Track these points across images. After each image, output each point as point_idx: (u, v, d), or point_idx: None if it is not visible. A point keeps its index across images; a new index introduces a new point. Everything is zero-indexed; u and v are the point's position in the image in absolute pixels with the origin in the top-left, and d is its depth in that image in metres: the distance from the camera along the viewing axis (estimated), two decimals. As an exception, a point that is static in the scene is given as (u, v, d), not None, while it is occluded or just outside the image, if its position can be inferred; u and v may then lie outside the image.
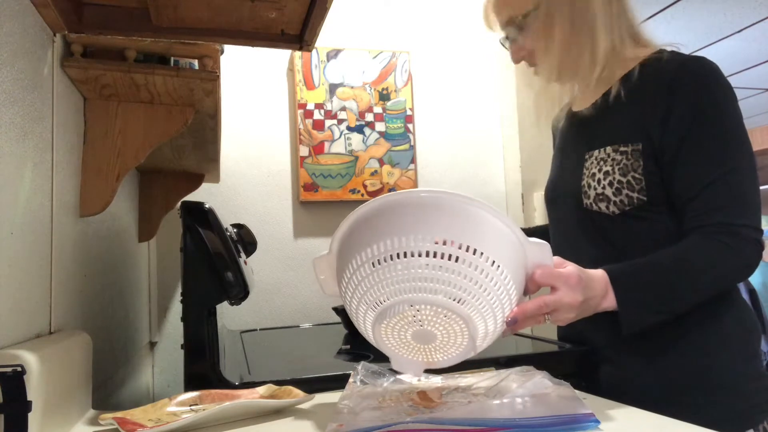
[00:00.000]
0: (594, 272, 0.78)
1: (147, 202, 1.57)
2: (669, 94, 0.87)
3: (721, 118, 0.86)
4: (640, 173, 0.88)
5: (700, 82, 0.87)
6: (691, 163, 0.86)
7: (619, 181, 0.90)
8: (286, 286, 1.85)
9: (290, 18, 0.88)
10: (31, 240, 0.72)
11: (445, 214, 0.60)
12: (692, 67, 0.88)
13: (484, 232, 0.61)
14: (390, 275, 0.59)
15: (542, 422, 0.59)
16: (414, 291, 0.59)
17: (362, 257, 0.61)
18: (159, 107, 1.02)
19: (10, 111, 0.65)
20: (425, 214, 0.60)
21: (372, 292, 0.61)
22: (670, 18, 3.26)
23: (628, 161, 0.90)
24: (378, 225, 0.62)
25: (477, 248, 0.59)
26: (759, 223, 0.85)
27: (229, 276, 0.92)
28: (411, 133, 1.96)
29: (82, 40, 0.88)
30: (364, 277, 0.61)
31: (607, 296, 0.79)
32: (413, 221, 0.60)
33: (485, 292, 0.60)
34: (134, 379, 1.43)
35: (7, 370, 0.54)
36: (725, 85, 0.87)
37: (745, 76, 4.35)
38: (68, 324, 0.86)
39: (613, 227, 0.92)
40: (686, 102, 0.86)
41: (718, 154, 0.85)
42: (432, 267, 0.59)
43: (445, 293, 0.59)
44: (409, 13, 2.05)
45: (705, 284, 0.84)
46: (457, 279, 0.59)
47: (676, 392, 0.87)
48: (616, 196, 0.90)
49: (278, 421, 0.71)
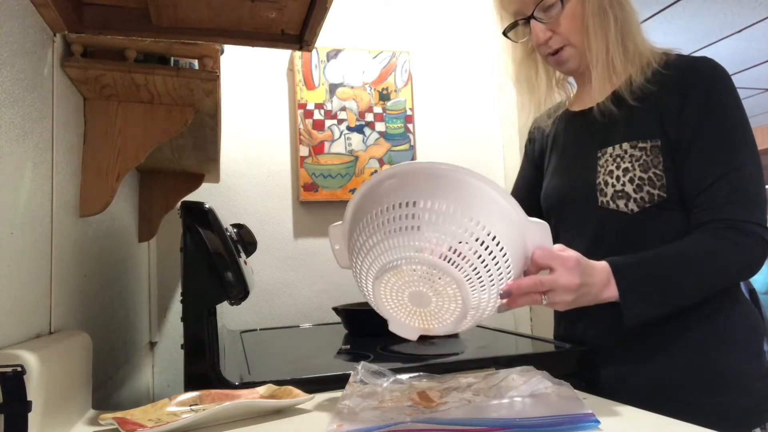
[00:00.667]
0: (596, 262, 0.79)
1: (147, 202, 1.57)
2: (680, 93, 0.89)
3: (728, 117, 0.87)
4: (661, 169, 0.88)
5: (709, 82, 0.88)
6: (699, 161, 0.87)
7: (640, 177, 0.89)
8: (286, 286, 1.85)
9: (290, 18, 0.88)
10: (31, 240, 0.72)
11: (450, 185, 0.64)
12: (702, 68, 0.89)
13: (483, 205, 0.63)
14: (390, 235, 0.63)
15: (542, 422, 0.59)
16: (410, 250, 0.62)
17: (368, 219, 0.65)
18: (159, 107, 1.02)
19: (10, 111, 0.65)
20: (433, 183, 0.64)
21: (374, 251, 0.64)
22: (670, 18, 3.26)
23: (648, 157, 0.89)
24: (385, 191, 0.66)
25: (474, 217, 0.62)
26: (765, 221, 0.85)
27: (229, 276, 0.92)
28: (411, 133, 1.96)
29: (82, 40, 0.88)
30: (368, 237, 0.65)
31: (609, 286, 0.79)
32: (421, 188, 0.63)
33: (479, 259, 0.62)
34: (134, 379, 1.43)
35: (7, 370, 0.54)
36: (732, 85, 0.89)
37: (745, 76, 4.36)
38: (68, 324, 0.86)
39: (630, 226, 0.91)
40: (697, 101, 0.87)
41: (725, 152, 0.86)
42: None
43: (440, 255, 0.62)
44: (409, 13, 2.05)
45: (708, 279, 0.84)
46: (452, 243, 0.62)
47: (680, 392, 0.87)
48: (636, 193, 0.89)
49: (278, 421, 0.71)
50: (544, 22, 0.96)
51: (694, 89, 0.88)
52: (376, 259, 0.64)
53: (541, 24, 0.96)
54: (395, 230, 0.63)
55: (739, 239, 0.83)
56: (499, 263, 0.64)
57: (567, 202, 1.01)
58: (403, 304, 0.68)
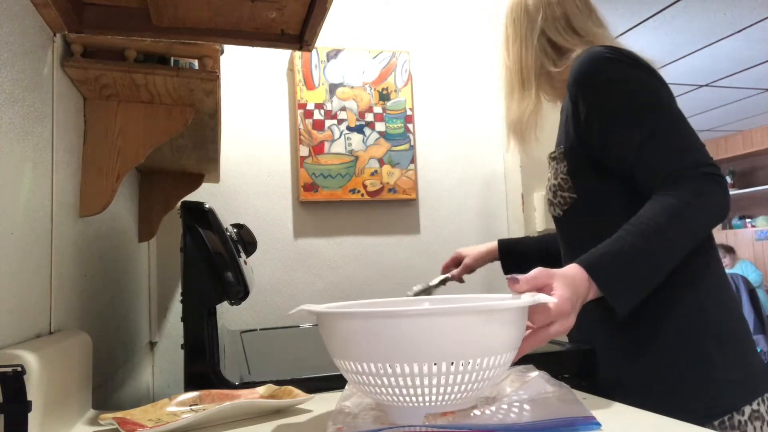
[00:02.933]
0: (570, 268, 0.77)
1: (147, 202, 1.57)
2: (573, 91, 0.94)
3: (619, 91, 0.90)
4: (565, 173, 0.96)
5: (585, 68, 0.92)
6: (615, 142, 0.89)
7: (554, 184, 0.99)
8: (286, 286, 1.85)
9: (290, 18, 0.88)
10: (31, 240, 0.72)
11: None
12: (578, 61, 0.94)
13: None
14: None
15: (543, 425, 0.59)
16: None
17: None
18: (159, 107, 1.02)
19: (10, 111, 0.65)
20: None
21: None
22: (670, 18, 3.26)
23: (558, 165, 0.98)
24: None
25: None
26: (704, 158, 0.84)
27: (229, 276, 0.92)
28: (411, 133, 1.96)
29: (82, 40, 0.88)
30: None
31: (591, 289, 0.77)
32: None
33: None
34: (134, 379, 1.43)
35: (7, 370, 0.54)
36: (613, 59, 0.91)
37: (745, 76, 4.36)
38: (68, 324, 0.86)
39: (562, 228, 1.02)
40: (583, 89, 0.92)
41: (631, 121, 0.88)
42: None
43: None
44: (409, 13, 2.05)
45: (679, 239, 0.82)
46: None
47: (674, 383, 0.88)
48: (554, 198, 0.99)
49: (278, 421, 0.71)
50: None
51: (579, 82, 0.92)
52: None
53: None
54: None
55: (687, 187, 0.82)
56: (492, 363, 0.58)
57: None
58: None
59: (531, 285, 0.69)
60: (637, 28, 3.38)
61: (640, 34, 3.45)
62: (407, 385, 0.56)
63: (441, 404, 0.59)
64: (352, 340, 0.58)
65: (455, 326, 0.55)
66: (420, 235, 1.98)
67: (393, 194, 1.92)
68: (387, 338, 0.55)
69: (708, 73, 4.26)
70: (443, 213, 2.01)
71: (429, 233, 1.99)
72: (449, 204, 2.02)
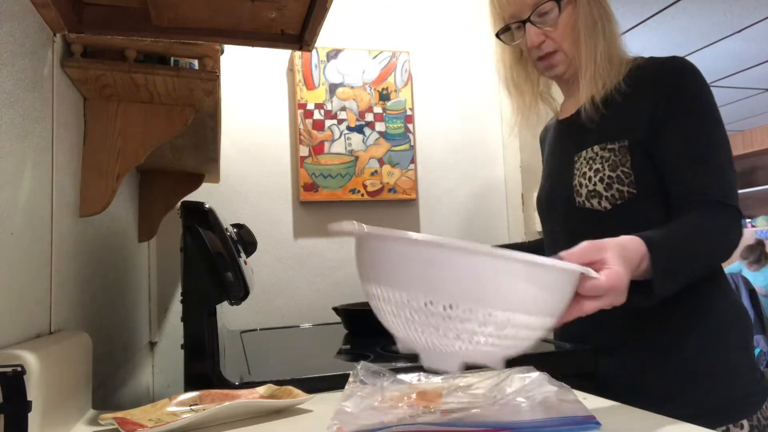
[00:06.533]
0: (625, 244, 0.74)
1: (147, 202, 1.57)
2: (652, 92, 0.94)
3: (698, 107, 0.93)
4: (628, 167, 0.94)
5: (677, 78, 0.94)
6: (676, 152, 0.92)
7: (609, 176, 0.95)
8: (286, 286, 1.85)
9: (290, 18, 0.88)
10: (31, 240, 0.72)
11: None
12: (669, 66, 0.96)
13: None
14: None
15: (543, 425, 0.59)
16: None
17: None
18: (159, 107, 1.02)
19: (10, 111, 0.65)
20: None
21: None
22: (670, 18, 3.26)
23: (616, 157, 0.95)
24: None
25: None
26: (737, 202, 0.91)
27: (229, 276, 0.92)
28: (411, 133, 1.96)
29: (82, 40, 0.88)
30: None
31: (641, 267, 0.76)
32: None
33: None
34: (134, 379, 1.43)
35: (7, 370, 0.54)
36: (701, 79, 0.95)
37: (745, 76, 4.36)
38: (68, 324, 0.86)
39: (606, 223, 0.96)
40: (668, 96, 0.93)
41: (697, 140, 0.91)
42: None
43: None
44: (409, 13, 2.05)
45: (716, 252, 0.89)
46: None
47: (675, 387, 0.90)
48: (607, 191, 0.95)
49: (278, 421, 0.71)
50: (540, 26, 1.00)
51: (664, 87, 0.93)
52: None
53: (536, 28, 1.00)
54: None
55: (730, 219, 0.88)
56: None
57: (551, 204, 1.08)
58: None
59: (578, 263, 0.65)
60: (637, 27, 3.38)
61: (641, 33, 3.45)
62: (455, 328, 0.54)
63: (475, 351, 0.56)
64: (417, 270, 0.55)
65: (523, 275, 0.54)
66: (420, 235, 1.98)
67: (393, 194, 1.92)
68: (455, 274, 0.53)
69: (708, 73, 4.23)
70: (443, 213, 2.01)
71: (429, 233, 1.99)
72: (449, 204, 2.02)
